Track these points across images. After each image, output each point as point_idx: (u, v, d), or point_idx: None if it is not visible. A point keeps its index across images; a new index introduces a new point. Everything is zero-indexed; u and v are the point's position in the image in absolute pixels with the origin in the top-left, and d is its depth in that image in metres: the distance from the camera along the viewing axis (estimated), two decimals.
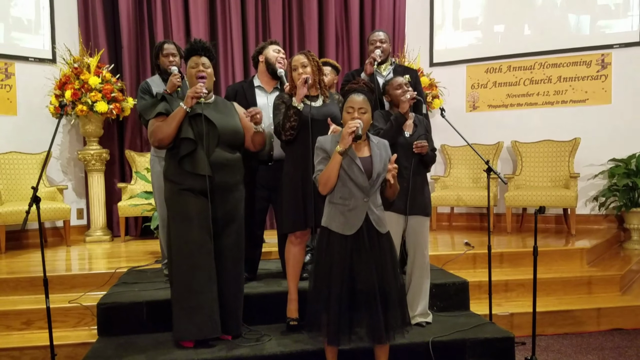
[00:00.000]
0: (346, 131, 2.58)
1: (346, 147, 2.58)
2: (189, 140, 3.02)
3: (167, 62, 3.92)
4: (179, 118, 3.02)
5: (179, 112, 3.03)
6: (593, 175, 6.18)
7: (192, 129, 3.03)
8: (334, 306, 2.62)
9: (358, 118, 2.63)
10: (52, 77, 5.75)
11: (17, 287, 4.01)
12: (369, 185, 2.65)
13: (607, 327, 4.13)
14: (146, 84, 3.96)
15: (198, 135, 3.03)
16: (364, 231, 2.66)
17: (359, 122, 2.59)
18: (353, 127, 2.56)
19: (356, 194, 2.66)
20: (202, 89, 3.03)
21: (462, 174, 6.62)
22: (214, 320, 3.04)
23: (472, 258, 4.67)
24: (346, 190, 2.66)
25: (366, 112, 2.67)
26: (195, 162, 3.03)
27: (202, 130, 3.04)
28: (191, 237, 3.03)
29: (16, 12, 5.86)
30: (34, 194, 2.91)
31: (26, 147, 5.79)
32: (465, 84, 6.89)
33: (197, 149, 3.03)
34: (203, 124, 3.03)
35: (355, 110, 2.65)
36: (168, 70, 3.87)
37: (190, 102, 3.03)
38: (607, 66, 6.21)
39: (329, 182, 2.65)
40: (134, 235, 6.10)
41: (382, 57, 3.96)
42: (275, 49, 3.80)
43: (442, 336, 3.27)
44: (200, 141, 3.03)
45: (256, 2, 6.47)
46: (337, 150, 2.60)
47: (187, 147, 3.03)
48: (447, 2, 7.02)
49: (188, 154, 3.03)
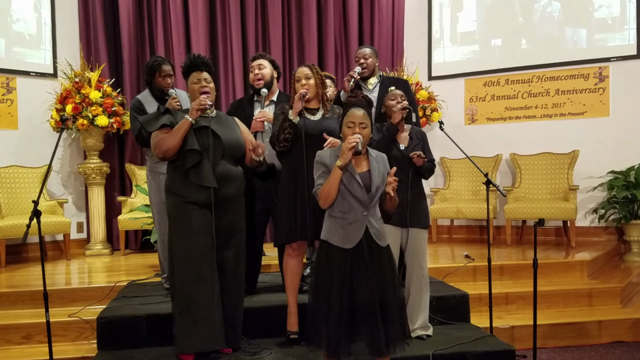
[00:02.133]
0: (346, 146, 2.59)
1: (346, 162, 2.59)
2: (195, 151, 3.04)
3: (165, 83, 3.87)
4: (184, 130, 3.03)
5: (184, 124, 3.04)
6: (592, 187, 6.19)
7: (198, 141, 3.05)
8: (334, 320, 2.61)
9: (359, 133, 2.64)
10: (53, 92, 5.79)
11: (17, 301, 4.00)
12: (368, 199, 2.66)
13: (609, 340, 4.12)
14: (138, 103, 3.89)
15: (203, 147, 3.05)
16: (364, 244, 2.66)
17: (359, 137, 2.61)
18: (353, 143, 2.58)
19: (356, 208, 2.66)
20: (206, 101, 3.06)
21: (461, 187, 6.63)
22: (217, 332, 3.04)
23: (472, 270, 4.66)
24: (346, 204, 2.67)
25: (366, 127, 2.68)
26: (201, 173, 3.04)
27: (207, 142, 3.05)
28: (194, 249, 3.03)
29: (18, 27, 5.91)
30: (34, 207, 2.92)
31: (27, 161, 5.81)
32: (464, 97, 6.93)
33: (202, 160, 3.04)
34: (210, 137, 3.05)
35: (356, 125, 2.67)
36: (165, 91, 3.84)
37: (195, 114, 3.05)
38: (604, 79, 6.25)
39: (330, 196, 2.66)
40: (133, 248, 6.10)
41: (367, 73, 3.96)
42: (250, 68, 3.86)
43: (443, 349, 3.26)
44: (206, 153, 3.05)
45: (256, 17, 6.53)
46: (337, 165, 2.61)
47: (193, 158, 3.04)
48: (444, 16, 7.08)
49: (193, 166, 3.04)
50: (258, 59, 3.89)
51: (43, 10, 6.03)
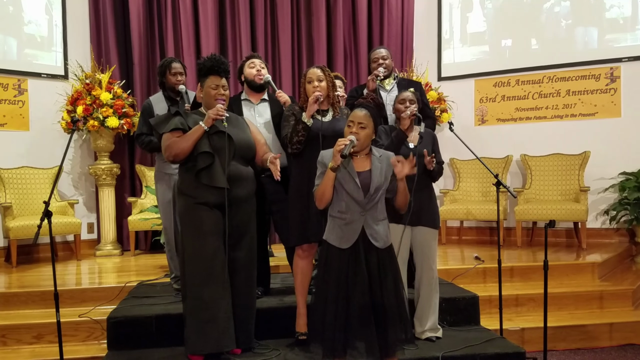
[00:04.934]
0: (335, 149, 2.59)
1: (337, 164, 2.59)
2: (207, 153, 3.04)
3: (175, 80, 3.94)
4: (196, 136, 3.03)
5: (197, 130, 3.04)
6: (603, 188, 6.14)
7: (210, 143, 3.06)
8: (330, 320, 2.61)
9: (356, 133, 2.64)
10: (64, 93, 5.83)
11: (28, 301, 4.03)
12: (365, 199, 2.65)
13: (620, 343, 4.08)
14: (147, 105, 3.96)
15: (215, 148, 3.06)
16: (360, 245, 2.65)
17: (351, 139, 2.60)
18: (342, 145, 2.57)
19: (353, 208, 2.65)
20: (224, 112, 3.07)
21: (471, 188, 6.60)
22: (228, 333, 3.04)
23: (482, 272, 4.64)
24: (343, 204, 2.66)
25: (366, 128, 2.66)
26: (213, 175, 3.04)
27: (219, 144, 3.06)
28: (205, 250, 3.04)
29: (30, 30, 5.95)
30: (45, 208, 2.94)
31: (38, 162, 5.86)
32: (474, 98, 6.90)
33: (214, 162, 3.05)
34: (223, 139, 3.05)
35: (355, 124, 2.67)
36: (176, 89, 3.91)
37: (211, 122, 3.05)
38: (616, 79, 6.20)
39: (324, 197, 2.66)
40: (143, 249, 6.12)
41: (386, 73, 4.00)
42: (249, 64, 3.82)
43: (453, 351, 3.25)
44: (218, 154, 3.05)
45: (265, 19, 6.54)
46: (329, 167, 2.61)
47: (205, 160, 3.04)
48: (454, 17, 7.06)
49: (205, 167, 3.04)
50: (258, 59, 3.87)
51: (54, 13, 6.07)
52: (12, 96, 5.81)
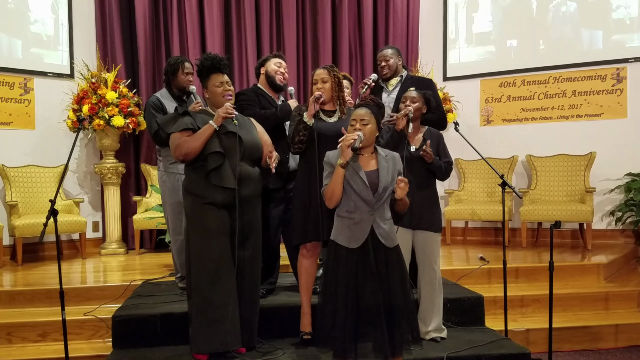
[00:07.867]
0: (344, 144, 2.58)
1: (346, 160, 2.58)
2: (218, 153, 3.04)
3: (187, 80, 3.93)
4: (207, 135, 3.03)
5: (207, 129, 3.04)
6: (609, 189, 6.12)
7: (220, 143, 3.06)
8: (340, 320, 2.61)
9: (359, 129, 2.64)
10: (69, 92, 5.85)
11: (33, 299, 4.05)
12: (374, 199, 2.65)
13: (625, 344, 4.07)
14: (158, 101, 3.91)
15: (225, 149, 3.06)
16: (369, 245, 2.65)
17: (358, 135, 2.60)
18: (350, 140, 2.57)
19: (361, 208, 2.65)
20: (233, 110, 3.07)
21: (476, 188, 6.59)
22: (233, 333, 3.05)
23: (487, 273, 4.63)
24: (351, 204, 2.66)
25: (369, 123, 2.67)
26: (222, 175, 3.05)
27: (228, 144, 3.06)
28: (212, 250, 3.04)
29: (36, 29, 5.97)
30: (51, 207, 2.95)
31: (44, 160, 5.88)
32: (479, 98, 6.88)
33: (224, 162, 3.05)
34: (232, 140, 3.06)
35: (357, 121, 2.67)
36: (186, 89, 3.92)
37: (221, 121, 3.06)
38: (622, 80, 6.17)
39: (334, 196, 2.65)
40: (148, 248, 6.14)
41: (389, 74, 4.03)
42: (276, 62, 3.84)
43: (457, 352, 3.24)
44: (227, 155, 3.06)
45: (270, 18, 6.55)
46: (338, 164, 2.61)
47: (216, 160, 3.04)
48: (460, 17, 7.04)
49: (215, 168, 3.04)
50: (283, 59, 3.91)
51: (60, 12, 6.09)
52: (18, 95, 5.83)
